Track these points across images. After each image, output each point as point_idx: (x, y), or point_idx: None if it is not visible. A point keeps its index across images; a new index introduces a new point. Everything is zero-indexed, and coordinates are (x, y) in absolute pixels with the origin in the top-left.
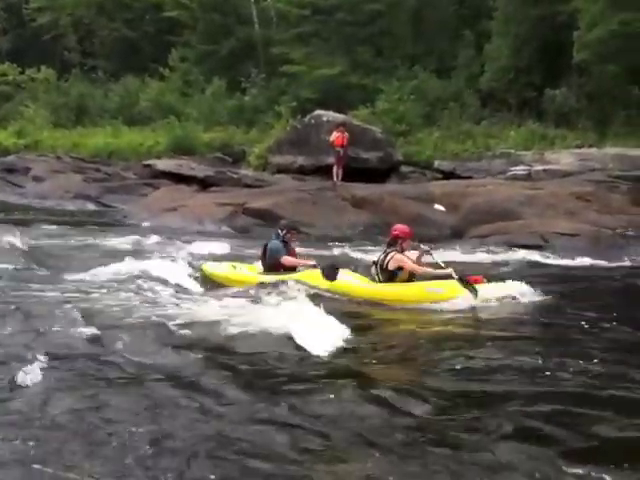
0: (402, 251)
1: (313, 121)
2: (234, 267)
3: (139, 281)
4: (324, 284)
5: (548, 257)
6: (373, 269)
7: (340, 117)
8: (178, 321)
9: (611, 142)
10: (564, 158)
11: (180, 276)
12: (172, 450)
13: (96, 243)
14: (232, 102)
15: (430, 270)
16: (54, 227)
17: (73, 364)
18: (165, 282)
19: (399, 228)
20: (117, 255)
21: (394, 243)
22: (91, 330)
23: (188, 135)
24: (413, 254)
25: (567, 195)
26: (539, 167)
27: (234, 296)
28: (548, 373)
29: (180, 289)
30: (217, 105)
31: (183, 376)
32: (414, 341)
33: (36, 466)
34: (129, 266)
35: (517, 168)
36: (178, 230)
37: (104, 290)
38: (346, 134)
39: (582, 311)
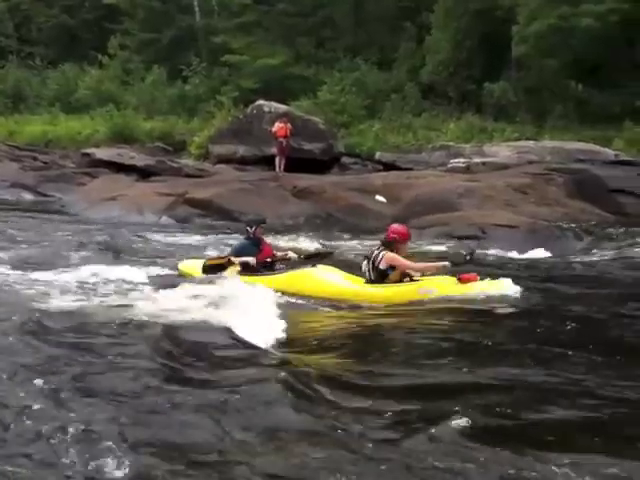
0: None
1: (255, 111)
2: None
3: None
4: (305, 286)
5: (486, 248)
6: (364, 264)
7: (282, 107)
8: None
9: (548, 135)
10: (502, 151)
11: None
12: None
13: (37, 234)
14: (173, 91)
15: (423, 265)
16: None
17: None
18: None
19: (396, 230)
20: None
21: (389, 245)
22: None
23: (128, 124)
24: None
25: (505, 187)
26: (478, 159)
27: (198, 289)
28: (537, 371)
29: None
30: (158, 94)
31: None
32: (382, 338)
33: None
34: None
35: (456, 160)
36: (118, 220)
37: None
38: (289, 125)
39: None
